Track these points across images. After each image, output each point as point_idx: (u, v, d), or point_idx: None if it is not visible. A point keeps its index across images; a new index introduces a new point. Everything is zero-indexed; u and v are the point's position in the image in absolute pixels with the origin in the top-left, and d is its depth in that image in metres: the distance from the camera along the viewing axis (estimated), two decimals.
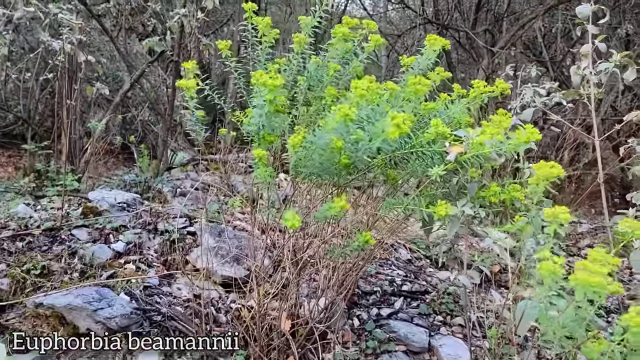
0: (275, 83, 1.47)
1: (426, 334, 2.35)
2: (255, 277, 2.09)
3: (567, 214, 1.02)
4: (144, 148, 5.86)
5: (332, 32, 1.76)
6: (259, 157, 1.60)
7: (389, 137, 1.42)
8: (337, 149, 1.48)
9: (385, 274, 2.97)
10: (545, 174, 1.08)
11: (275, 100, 1.47)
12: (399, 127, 1.41)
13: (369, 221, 2.14)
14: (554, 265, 0.94)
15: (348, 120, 1.36)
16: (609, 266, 0.95)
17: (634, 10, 8.23)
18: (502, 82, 1.88)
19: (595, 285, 0.87)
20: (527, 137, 1.37)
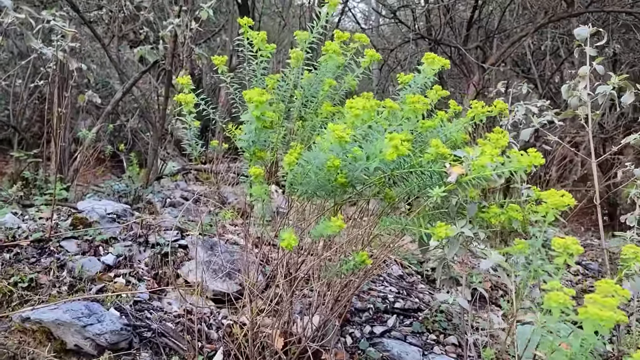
0: (262, 99, 1.46)
1: (420, 353, 2.33)
2: (248, 293, 2.05)
3: (577, 245, 1.01)
4: (133, 157, 5.80)
5: (322, 48, 1.75)
6: (255, 175, 1.58)
7: (386, 158, 1.41)
8: (334, 167, 1.47)
9: (378, 291, 2.95)
10: (555, 202, 1.07)
11: (263, 117, 1.46)
12: (397, 148, 1.40)
13: (365, 239, 2.12)
14: (564, 297, 0.93)
15: (343, 142, 1.35)
16: (618, 297, 0.94)
17: (621, 31, 8.40)
18: (500, 102, 1.88)
19: (606, 319, 0.86)
20: (530, 160, 1.37)
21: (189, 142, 1.77)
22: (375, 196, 1.87)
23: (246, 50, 1.76)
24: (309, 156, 1.50)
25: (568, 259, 1.03)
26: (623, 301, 0.96)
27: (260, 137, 1.58)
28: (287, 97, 1.84)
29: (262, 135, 1.58)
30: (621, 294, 0.96)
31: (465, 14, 7.96)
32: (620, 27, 8.22)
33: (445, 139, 1.90)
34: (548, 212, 1.09)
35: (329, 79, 1.85)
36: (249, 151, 1.70)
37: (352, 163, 1.57)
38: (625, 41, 8.68)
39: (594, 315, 0.87)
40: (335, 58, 1.80)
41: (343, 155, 1.56)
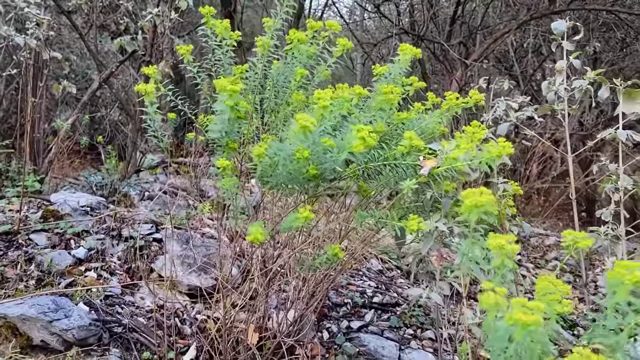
0: (235, 89, 1.42)
1: (396, 348, 2.32)
2: (221, 287, 2.02)
3: (515, 245, 0.99)
4: (111, 149, 5.70)
5: (286, 37, 1.72)
6: (223, 168, 1.54)
7: (354, 149, 1.38)
8: (303, 159, 1.44)
9: (356, 285, 2.93)
10: (474, 202, 1.05)
11: (237, 107, 1.42)
12: (365, 140, 1.37)
13: (341, 232, 2.10)
14: (495, 297, 0.92)
15: (307, 133, 1.32)
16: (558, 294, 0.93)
17: (602, 29, 8.49)
18: (475, 93, 1.87)
19: (532, 323, 0.86)
20: (499, 151, 1.36)
21: (155, 134, 1.72)
22: (350, 189, 1.84)
23: (211, 40, 1.72)
24: (277, 147, 1.47)
25: (506, 260, 1.01)
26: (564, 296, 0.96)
27: (233, 128, 1.54)
28: (256, 87, 1.80)
29: (235, 126, 1.54)
30: (562, 289, 0.95)
31: (449, 10, 7.97)
32: (601, 26, 8.30)
33: (421, 131, 1.88)
34: (471, 212, 1.06)
35: (300, 69, 1.82)
36: (221, 142, 1.66)
37: (322, 155, 1.55)
38: (605, 40, 8.77)
39: (519, 320, 0.86)
40: (302, 47, 1.76)
41: (313, 147, 1.53)
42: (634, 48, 8.37)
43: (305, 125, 1.37)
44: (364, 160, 1.65)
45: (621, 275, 0.95)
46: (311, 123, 1.38)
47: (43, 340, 1.82)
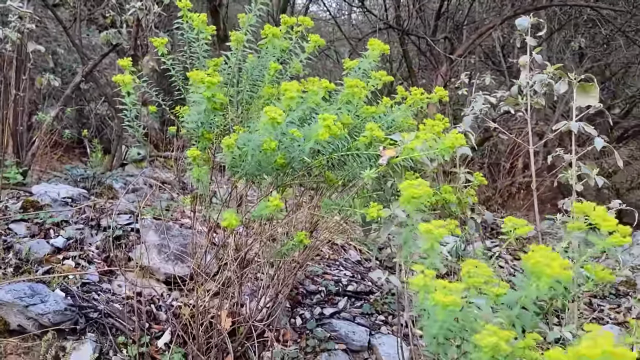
0: (213, 80, 1.49)
1: (367, 333, 2.40)
2: (195, 274, 2.08)
3: (442, 229, 1.07)
4: (97, 143, 5.73)
5: (262, 32, 1.78)
6: (193, 157, 1.60)
7: (319, 138, 1.45)
8: (271, 149, 1.50)
9: (332, 275, 3.01)
10: (411, 194, 1.12)
11: (214, 98, 1.48)
12: (330, 128, 1.44)
13: (312, 220, 2.17)
14: (425, 279, 0.99)
15: (275, 124, 1.38)
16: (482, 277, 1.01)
17: (587, 25, 8.59)
18: (440, 89, 1.94)
19: (451, 304, 0.93)
20: (452, 142, 1.43)
21: (130, 124, 1.78)
22: (318, 179, 1.91)
23: (187, 33, 1.77)
24: (246, 138, 1.53)
25: (435, 244, 1.08)
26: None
27: (208, 119, 1.60)
28: (230, 80, 1.86)
29: (211, 117, 1.60)
30: (484, 272, 1.03)
31: (434, 5, 8.03)
32: (586, 22, 8.41)
33: (389, 125, 1.95)
34: (409, 202, 1.14)
35: (274, 63, 1.88)
36: (197, 133, 1.72)
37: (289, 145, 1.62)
38: (591, 36, 8.89)
39: (439, 301, 0.94)
40: (276, 42, 1.83)
41: (282, 137, 1.60)
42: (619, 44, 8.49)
43: (274, 117, 1.44)
44: (329, 151, 1.72)
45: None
46: (279, 115, 1.45)
47: (20, 324, 1.88)
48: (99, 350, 1.92)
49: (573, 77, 1.85)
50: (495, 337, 0.94)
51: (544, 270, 0.99)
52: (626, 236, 1.14)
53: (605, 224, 1.15)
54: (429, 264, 1.16)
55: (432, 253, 1.17)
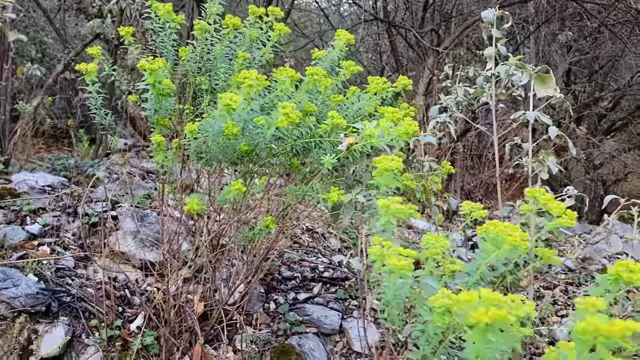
0: (154, 67, 1.52)
1: (339, 317, 2.46)
2: (168, 260, 2.13)
3: (399, 204, 1.12)
4: (83, 133, 5.73)
5: (222, 22, 1.82)
6: (157, 143, 1.65)
7: (279, 125, 1.50)
8: (233, 135, 1.55)
9: (310, 262, 3.07)
10: (385, 167, 1.18)
11: (161, 85, 1.52)
12: (289, 116, 1.49)
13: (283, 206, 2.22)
14: (381, 250, 1.05)
15: (230, 110, 1.43)
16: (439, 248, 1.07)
17: (575, 18, 8.65)
18: (404, 78, 1.99)
19: (404, 267, 0.99)
20: (406, 129, 1.48)
21: (97, 112, 1.81)
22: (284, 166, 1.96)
23: (154, 22, 1.81)
24: (207, 124, 1.58)
25: (391, 218, 1.14)
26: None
27: (161, 106, 1.64)
28: (196, 69, 1.90)
29: (164, 104, 1.64)
30: (441, 244, 1.09)
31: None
32: (573, 15, 8.46)
33: (355, 113, 2.00)
34: (382, 175, 1.19)
35: (242, 52, 1.92)
36: (152, 119, 1.76)
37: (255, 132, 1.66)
38: (579, 29, 8.94)
39: (394, 265, 0.99)
40: (246, 31, 1.87)
41: (245, 124, 1.65)
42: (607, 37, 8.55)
43: (228, 103, 1.48)
44: (293, 138, 1.77)
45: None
46: (234, 101, 1.49)
47: None
48: (72, 333, 1.97)
49: (531, 69, 1.90)
50: (448, 298, 1.00)
51: (506, 238, 1.05)
52: (572, 219, 1.21)
53: (553, 207, 1.21)
54: (387, 237, 1.22)
55: (390, 227, 1.23)
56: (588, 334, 0.74)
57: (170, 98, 1.65)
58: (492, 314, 0.74)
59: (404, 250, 1.05)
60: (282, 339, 2.25)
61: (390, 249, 1.07)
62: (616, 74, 10.40)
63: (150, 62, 1.46)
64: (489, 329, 0.75)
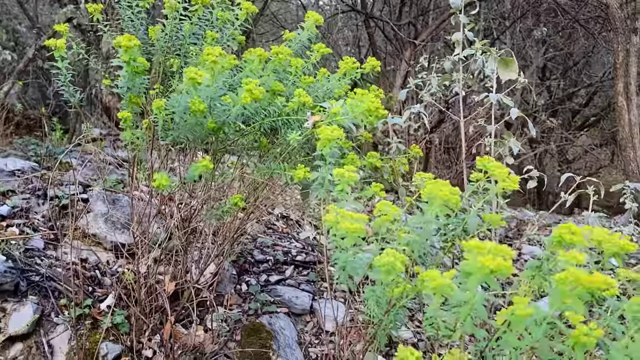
0: (130, 45, 1.54)
1: (309, 298, 2.50)
2: (139, 240, 2.14)
3: (353, 173, 1.17)
4: (56, 121, 5.66)
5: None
6: (124, 119, 1.66)
7: (242, 102, 1.53)
8: (199, 112, 1.57)
9: (283, 246, 3.10)
10: (328, 136, 1.22)
11: (135, 62, 1.53)
12: (252, 92, 1.51)
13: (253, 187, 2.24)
14: (336, 217, 1.09)
15: (195, 84, 1.45)
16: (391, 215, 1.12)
17: (550, 14, 8.82)
18: (372, 59, 2.03)
19: (356, 231, 1.03)
20: (369, 105, 1.52)
21: (65, 89, 1.81)
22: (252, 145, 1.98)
23: (123, 1, 1.81)
24: (174, 99, 1.59)
25: (346, 187, 1.18)
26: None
27: (134, 84, 1.66)
28: (165, 48, 1.91)
29: (137, 82, 1.65)
30: (393, 210, 1.13)
31: None
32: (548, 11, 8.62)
33: (324, 94, 2.04)
34: (325, 145, 1.24)
35: (210, 32, 1.93)
36: (125, 97, 1.77)
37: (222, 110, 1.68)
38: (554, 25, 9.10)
39: (347, 228, 1.04)
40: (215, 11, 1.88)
41: (212, 102, 1.67)
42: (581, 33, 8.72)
43: (193, 77, 1.50)
44: (261, 117, 1.80)
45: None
46: (199, 76, 1.51)
47: None
48: (41, 312, 1.97)
49: (495, 52, 1.96)
50: (392, 257, 1.04)
51: (437, 193, 1.09)
52: (515, 183, 1.26)
53: (498, 172, 1.27)
54: (342, 205, 1.26)
55: (345, 196, 1.27)
56: (568, 284, 0.78)
57: (144, 76, 1.66)
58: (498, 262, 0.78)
59: (357, 215, 1.09)
60: (252, 318, 2.28)
61: (343, 215, 1.11)
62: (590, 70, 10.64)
63: (127, 39, 1.48)
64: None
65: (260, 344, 2.11)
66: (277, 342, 2.16)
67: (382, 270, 1.06)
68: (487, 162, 1.21)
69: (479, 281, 0.78)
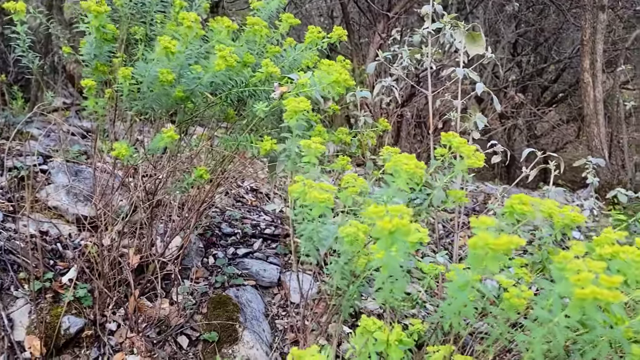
0: (100, 9, 1.47)
1: (277, 271, 2.51)
2: (102, 212, 2.09)
3: (319, 144, 1.16)
4: (17, 90, 5.44)
5: None
6: (88, 87, 1.60)
7: (216, 69, 1.48)
8: (167, 82, 1.52)
9: (252, 219, 3.09)
10: (294, 108, 1.21)
11: (104, 29, 1.47)
12: (226, 59, 1.47)
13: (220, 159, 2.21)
14: (302, 187, 1.08)
15: (169, 53, 1.40)
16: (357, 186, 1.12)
17: None
18: (339, 29, 2.00)
19: (325, 200, 1.03)
20: (337, 77, 1.50)
21: (24, 54, 1.73)
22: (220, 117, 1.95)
23: None
24: (142, 68, 1.54)
25: (313, 158, 1.18)
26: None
27: (102, 51, 1.59)
28: (130, 16, 1.84)
29: (104, 49, 1.59)
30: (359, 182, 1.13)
31: None
32: None
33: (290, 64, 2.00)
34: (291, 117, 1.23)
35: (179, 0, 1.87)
36: (91, 65, 1.70)
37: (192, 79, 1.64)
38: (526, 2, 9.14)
39: (315, 198, 1.03)
40: None
41: (182, 70, 1.62)
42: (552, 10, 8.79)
43: (167, 46, 1.45)
44: (229, 87, 1.75)
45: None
46: (173, 45, 1.46)
47: None
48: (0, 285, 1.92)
49: (463, 26, 1.95)
50: (355, 228, 1.05)
51: (402, 167, 1.10)
52: (480, 161, 1.27)
53: (465, 149, 1.28)
54: (309, 176, 1.25)
55: (312, 168, 1.26)
56: (479, 248, 0.80)
57: (112, 43, 1.60)
58: (395, 222, 0.79)
59: (325, 185, 1.08)
60: (219, 291, 2.28)
61: (312, 185, 1.11)
62: (560, 47, 10.78)
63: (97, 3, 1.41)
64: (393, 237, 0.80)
65: (226, 317, 2.11)
66: (244, 315, 2.16)
67: (345, 240, 1.06)
68: (452, 137, 1.21)
69: (386, 244, 0.80)
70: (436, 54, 2.26)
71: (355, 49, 8.07)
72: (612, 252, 0.96)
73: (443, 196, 1.45)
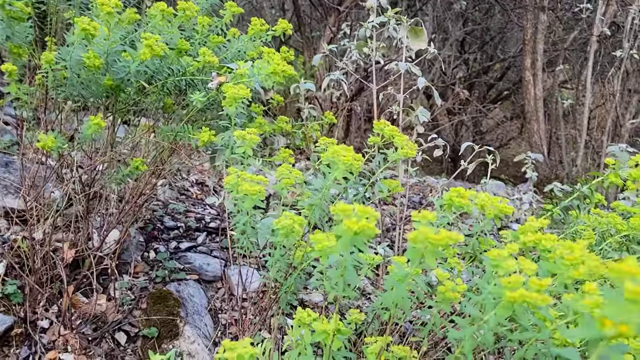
0: None
1: (221, 265, 2.47)
2: (33, 205, 1.99)
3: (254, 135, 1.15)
4: None
5: None
6: (9, 72, 1.51)
7: (142, 58, 1.43)
8: (94, 67, 1.45)
9: (196, 212, 3.03)
10: (234, 95, 1.20)
11: (12, 7, 1.39)
12: (152, 48, 1.42)
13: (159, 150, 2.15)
14: (236, 179, 1.07)
15: (89, 36, 1.34)
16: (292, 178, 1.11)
17: None
18: (284, 22, 1.98)
19: (256, 193, 1.02)
20: (274, 68, 1.49)
21: None
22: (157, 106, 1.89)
23: None
24: (65, 52, 1.46)
25: (248, 149, 1.17)
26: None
27: (14, 32, 1.50)
28: None
29: (17, 29, 1.50)
30: (295, 174, 1.13)
31: None
32: None
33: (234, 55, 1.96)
34: (231, 104, 1.21)
35: None
36: (4, 47, 1.61)
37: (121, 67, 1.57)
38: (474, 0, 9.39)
39: (246, 190, 1.02)
40: None
41: (109, 57, 1.55)
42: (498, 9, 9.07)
43: (87, 28, 1.38)
44: (164, 76, 1.70)
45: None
46: (93, 28, 1.39)
47: None
48: None
49: (406, 21, 1.98)
50: (291, 220, 1.04)
51: (339, 158, 1.09)
52: (413, 151, 1.29)
53: (398, 139, 1.29)
54: (244, 167, 1.23)
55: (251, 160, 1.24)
56: (419, 242, 0.81)
57: (25, 23, 1.51)
58: (362, 224, 0.78)
59: (256, 177, 1.07)
60: (160, 286, 2.22)
61: (244, 177, 1.09)
62: (505, 46, 11.15)
63: None
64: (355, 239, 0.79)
65: (167, 312, 2.06)
66: (185, 309, 2.12)
67: (281, 233, 1.05)
68: (383, 125, 1.22)
69: (347, 243, 0.80)
70: (382, 48, 2.29)
71: (306, 42, 8.05)
72: (534, 240, 1.00)
73: (383, 187, 1.46)
